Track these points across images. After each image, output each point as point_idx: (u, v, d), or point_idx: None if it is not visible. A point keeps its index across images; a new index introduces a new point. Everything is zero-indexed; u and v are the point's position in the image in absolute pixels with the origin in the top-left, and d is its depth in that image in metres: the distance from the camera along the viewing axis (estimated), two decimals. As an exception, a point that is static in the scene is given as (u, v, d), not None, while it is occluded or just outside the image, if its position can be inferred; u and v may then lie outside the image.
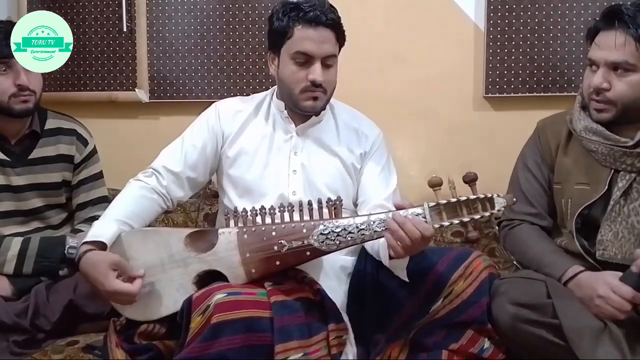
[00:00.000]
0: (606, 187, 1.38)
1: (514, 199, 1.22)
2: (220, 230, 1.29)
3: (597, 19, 1.39)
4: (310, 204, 1.28)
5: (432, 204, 1.21)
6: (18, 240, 1.53)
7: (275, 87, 1.53)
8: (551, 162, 1.49)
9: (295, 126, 1.48)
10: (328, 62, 1.41)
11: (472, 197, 1.20)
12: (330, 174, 1.48)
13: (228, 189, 1.50)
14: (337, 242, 1.24)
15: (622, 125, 1.37)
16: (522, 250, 1.45)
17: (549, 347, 1.26)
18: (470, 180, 1.23)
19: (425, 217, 1.20)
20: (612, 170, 1.38)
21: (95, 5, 2.16)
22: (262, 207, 1.29)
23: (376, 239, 1.26)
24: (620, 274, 1.27)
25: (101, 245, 1.28)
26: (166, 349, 1.28)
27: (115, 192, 1.42)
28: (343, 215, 1.28)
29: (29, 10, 2.16)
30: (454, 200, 1.21)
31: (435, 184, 1.24)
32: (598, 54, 1.35)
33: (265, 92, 1.57)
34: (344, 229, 1.23)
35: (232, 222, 1.30)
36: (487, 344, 1.32)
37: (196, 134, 1.50)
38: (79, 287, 1.47)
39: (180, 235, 1.31)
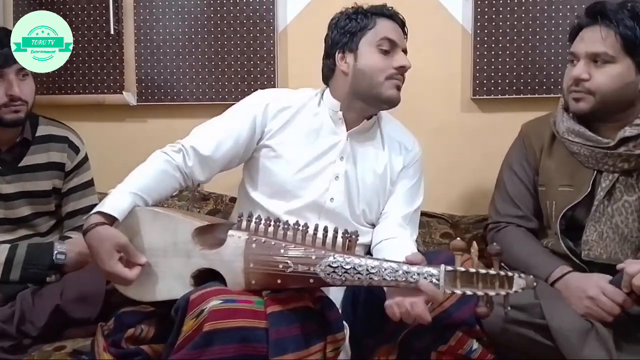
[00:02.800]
0: (589, 188, 1.39)
1: (535, 283, 1.13)
2: (230, 232, 1.24)
3: (579, 17, 1.41)
4: (325, 230, 1.22)
5: (449, 268, 1.16)
6: (5, 248, 1.50)
7: (327, 87, 1.52)
8: (536, 165, 1.50)
9: (347, 130, 1.47)
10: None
11: (492, 272, 1.15)
12: (369, 186, 1.47)
13: (260, 185, 1.46)
14: (343, 279, 1.18)
15: (602, 125, 1.39)
16: (509, 252, 1.44)
17: (536, 348, 1.27)
18: (495, 253, 1.17)
19: (439, 280, 1.16)
20: (595, 172, 1.39)
21: (82, 7, 2.15)
22: (278, 220, 1.25)
23: (384, 286, 1.21)
24: (609, 276, 1.28)
25: (113, 219, 1.26)
26: (154, 353, 1.26)
27: (103, 197, 1.40)
28: (358, 241, 1.22)
29: (15, 13, 2.14)
30: (472, 270, 1.15)
31: (458, 248, 1.19)
32: (580, 46, 1.37)
33: (314, 89, 1.54)
34: (354, 268, 1.17)
35: (244, 226, 1.25)
36: (475, 344, 1.31)
37: (236, 122, 1.44)
38: (65, 292, 1.45)
39: (189, 226, 1.27)
